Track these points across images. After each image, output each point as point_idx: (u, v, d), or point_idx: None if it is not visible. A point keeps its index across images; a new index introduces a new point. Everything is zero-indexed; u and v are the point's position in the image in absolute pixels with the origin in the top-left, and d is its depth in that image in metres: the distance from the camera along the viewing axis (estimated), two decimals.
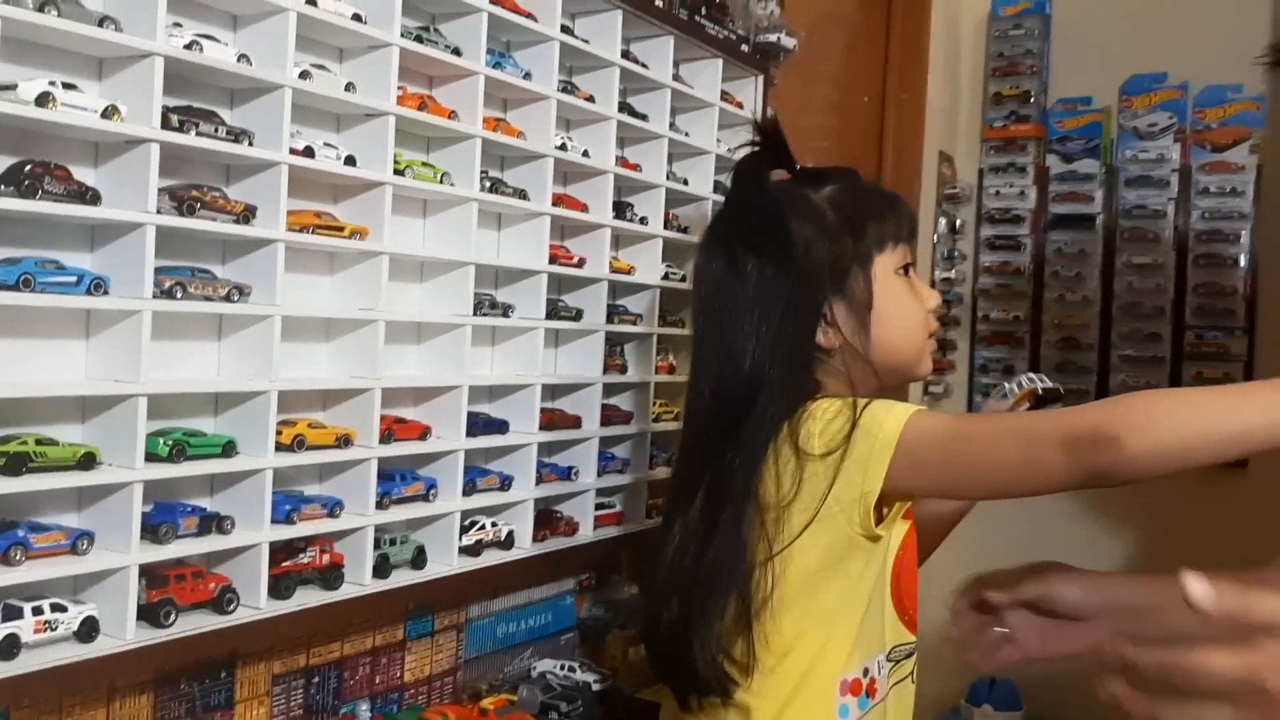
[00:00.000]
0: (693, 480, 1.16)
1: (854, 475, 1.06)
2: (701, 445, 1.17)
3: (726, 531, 1.11)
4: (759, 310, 1.13)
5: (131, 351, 1.06)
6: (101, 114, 1.02)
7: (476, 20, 1.40)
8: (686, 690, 1.15)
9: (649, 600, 1.18)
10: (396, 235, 1.35)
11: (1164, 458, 0.93)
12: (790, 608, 1.11)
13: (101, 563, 1.05)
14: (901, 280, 1.21)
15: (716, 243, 1.19)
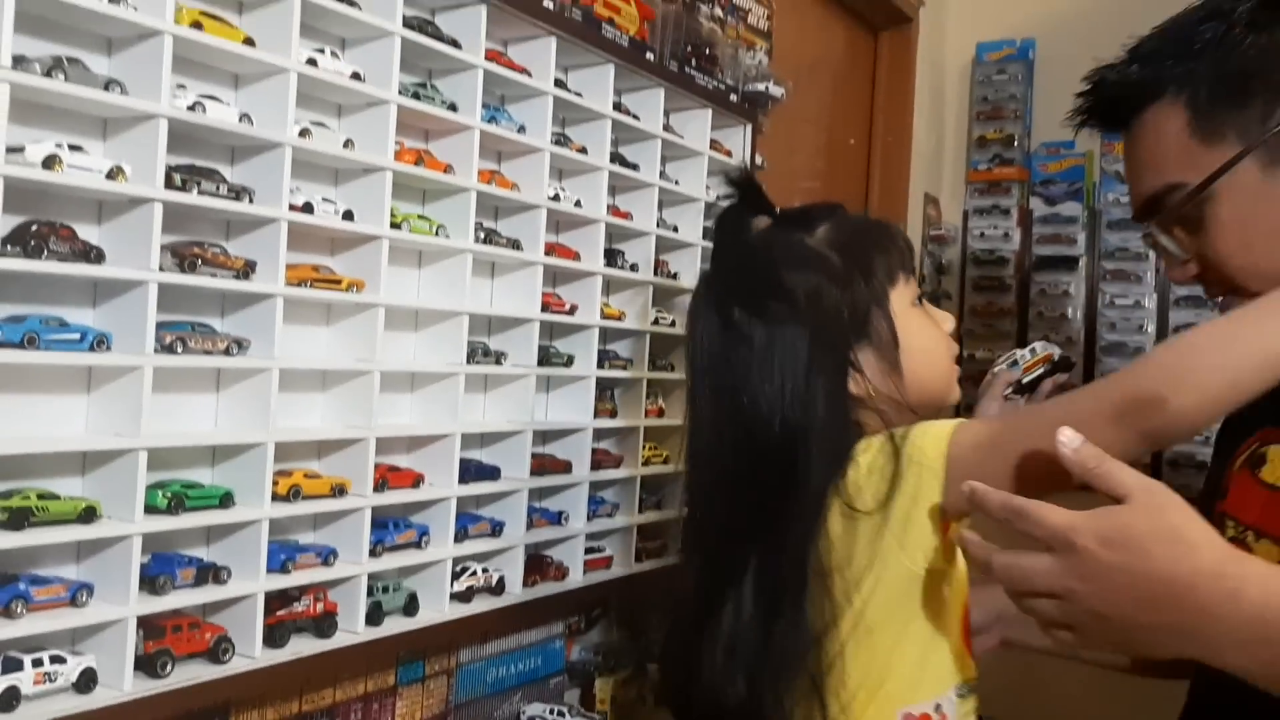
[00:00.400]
0: (735, 557, 1.05)
1: (908, 510, 0.99)
2: (736, 519, 1.06)
3: (793, 611, 1.03)
4: (780, 372, 1.04)
5: (132, 406, 1.08)
6: (106, 175, 1.05)
7: (472, 76, 1.43)
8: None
9: (710, 679, 1.05)
10: (393, 286, 1.37)
11: (1215, 401, 0.88)
12: (857, 654, 1.03)
13: (100, 615, 1.07)
14: (918, 310, 1.14)
15: (710, 306, 1.09)
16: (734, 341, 1.06)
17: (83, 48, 1.10)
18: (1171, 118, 1.05)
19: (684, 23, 1.87)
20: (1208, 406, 0.88)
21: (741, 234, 1.12)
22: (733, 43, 2.06)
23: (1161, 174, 1.06)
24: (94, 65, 1.09)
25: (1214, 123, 1.03)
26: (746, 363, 1.05)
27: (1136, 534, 0.81)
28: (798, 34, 2.48)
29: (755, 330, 1.05)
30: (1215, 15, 1.05)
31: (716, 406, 1.08)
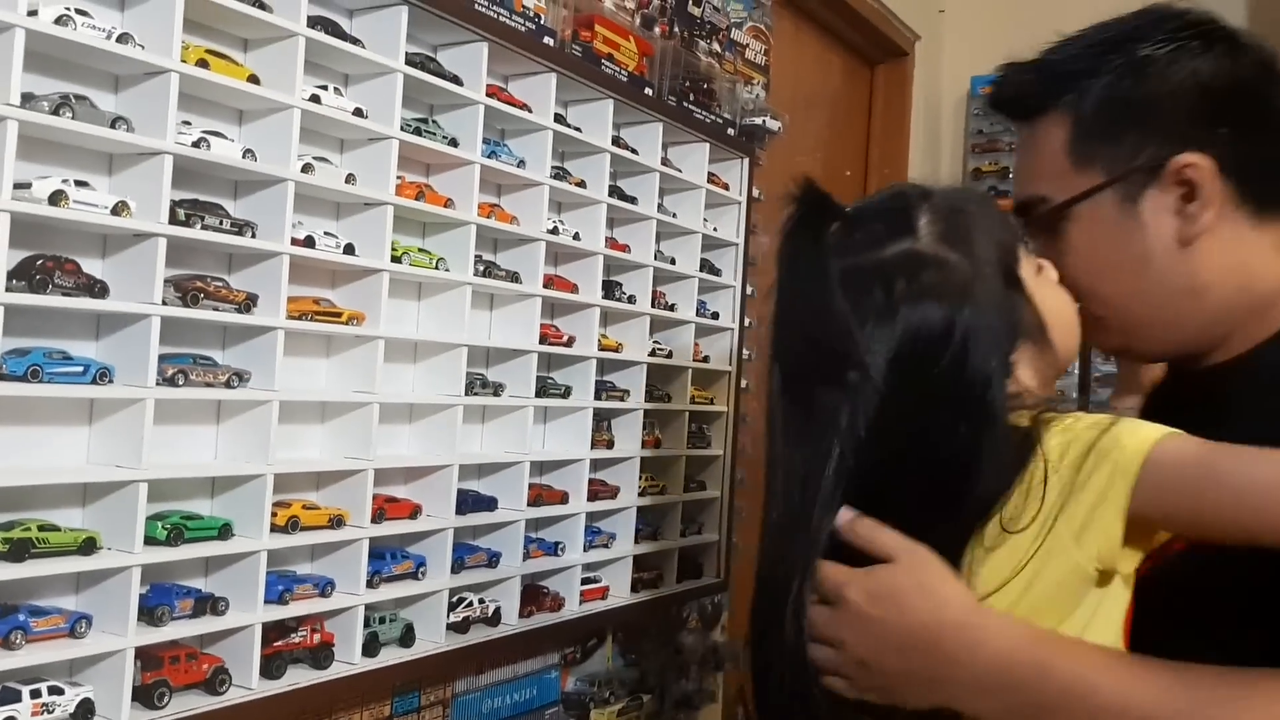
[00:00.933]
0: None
1: (1093, 505, 0.90)
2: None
3: None
4: (918, 416, 0.91)
5: (134, 438, 1.09)
6: (111, 210, 1.06)
7: (473, 112, 1.45)
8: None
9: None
10: (392, 318, 1.38)
11: None
12: None
13: (99, 645, 1.07)
14: (1040, 277, 1.04)
15: (795, 385, 0.95)
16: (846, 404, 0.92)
17: (90, 85, 1.12)
18: (1056, 132, 1.08)
19: (682, 58, 1.89)
20: None
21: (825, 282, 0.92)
22: (730, 77, 2.08)
23: (1033, 182, 1.09)
24: (101, 102, 1.11)
25: (1088, 148, 1.06)
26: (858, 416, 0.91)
27: (897, 589, 0.89)
28: (795, 68, 2.51)
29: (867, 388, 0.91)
30: (1119, 37, 1.08)
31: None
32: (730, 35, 2.13)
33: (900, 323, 0.91)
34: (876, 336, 0.91)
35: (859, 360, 0.90)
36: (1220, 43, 1.07)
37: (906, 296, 0.91)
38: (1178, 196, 1.04)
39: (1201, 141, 1.04)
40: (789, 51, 2.46)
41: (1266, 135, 1.07)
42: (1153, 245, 1.05)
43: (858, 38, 2.82)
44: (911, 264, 0.92)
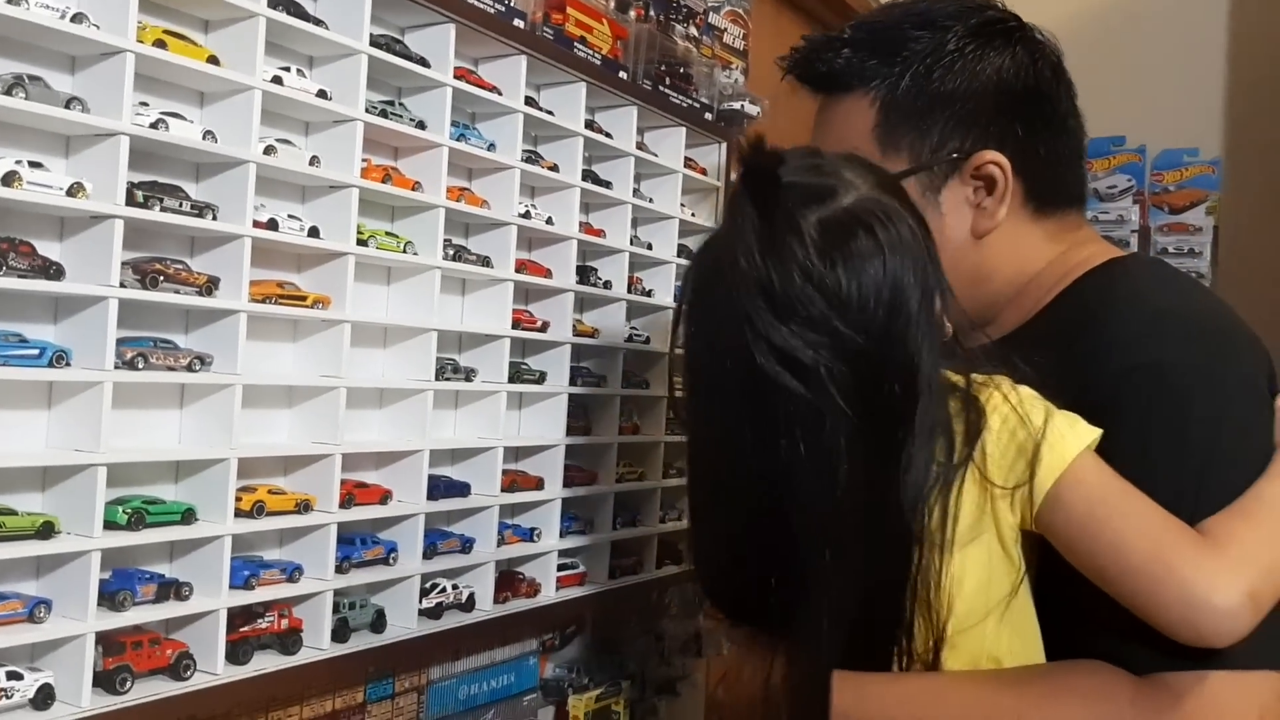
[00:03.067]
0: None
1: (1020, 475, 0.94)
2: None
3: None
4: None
5: (92, 422, 1.09)
6: (67, 191, 1.06)
7: (441, 95, 1.44)
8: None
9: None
10: (360, 302, 1.38)
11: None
12: (959, 652, 0.98)
13: (58, 630, 1.06)
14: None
15: (762, 340, 0.90)
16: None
17: (46, 66, 1.11)
18: (861, 114, 1.12)
19: (658, 42, 1.88)
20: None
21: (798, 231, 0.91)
22: (708, 62, 2.07)
23: None
24: (56, 83, 1.10)
25: (895, 135, 1.11)
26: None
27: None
28: (775, 54, 2.49)
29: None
30: (929, 25, 1.11)
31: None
32: (708, 19, 2.11)
33: (879, 271, 0.91)
34: (856, 292, 0.90)
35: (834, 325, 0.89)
36: (1021, 42, 1.12)
37: (885, 245, 0.91)
38: (975, 189, 1.10)
39: (1000, 138, 1.09)
40: (770, 37, 2.45)
41: (1052, 135, 1.13)
42: (949, 234, 1.10)
43: (840, 23, 2.80)
44: (877, 212, 0.92)
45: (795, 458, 0.90)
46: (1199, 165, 2.86)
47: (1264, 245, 2.81)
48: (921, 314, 0.92)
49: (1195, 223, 2.86)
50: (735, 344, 0.91)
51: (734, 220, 0.93)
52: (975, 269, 1.12)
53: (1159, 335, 1.00)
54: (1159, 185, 2.90)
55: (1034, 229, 1.14)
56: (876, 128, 1.11)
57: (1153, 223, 2.91)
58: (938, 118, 1.10)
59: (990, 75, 1.10)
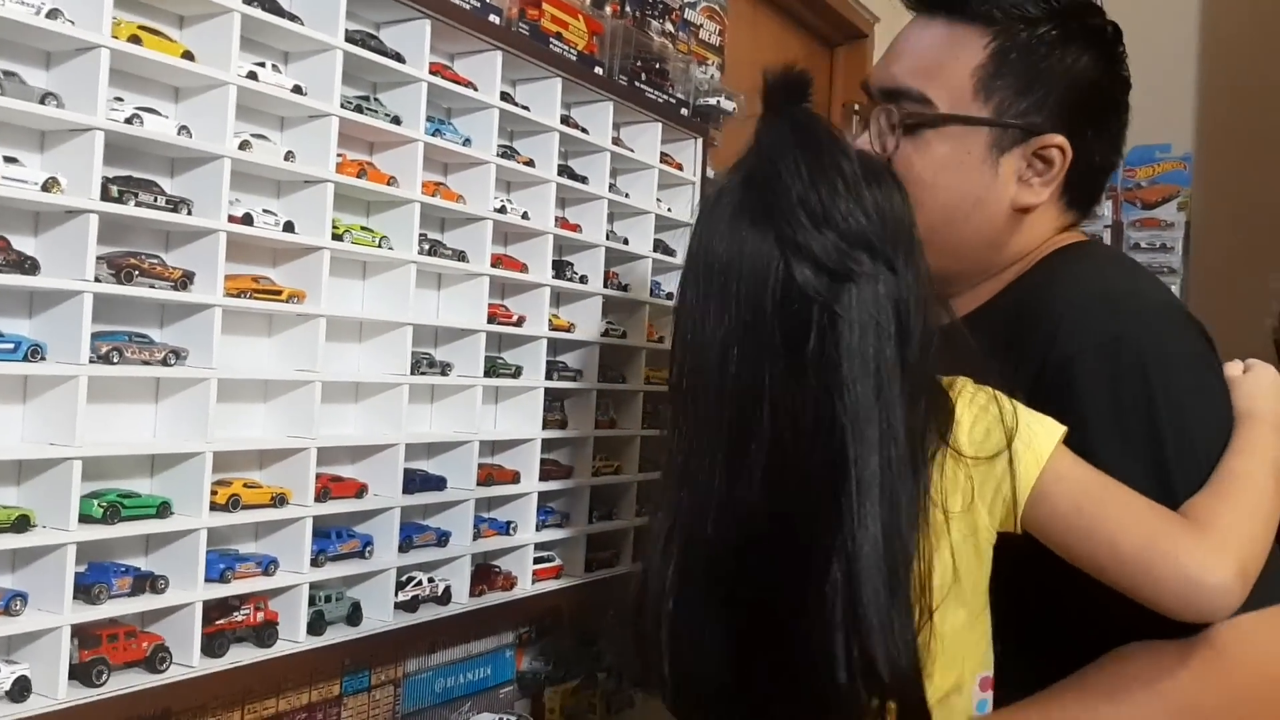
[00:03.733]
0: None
1: (998, 486, 0.95)
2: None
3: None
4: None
5: (67, 416, 1.09)
6: (42, 186, 1.06)
7: (416, 90, 1.45)
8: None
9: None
10: (336, 297, 1.38)
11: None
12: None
13: (34, 623, 1.07)
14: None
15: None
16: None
17: (21, 61, 1.11)
18: (971, 50, 1.12)
19: (634, 38, 1.89)
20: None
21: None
22: (684, 57, 2.08)
23: (927, 82, 1.13)
24: (32, 79, 1.10)
25: (993, 83, 1.11)
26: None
27: None
28: (752, 50, 2.51)
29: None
30: (1060, 4, 1.13)
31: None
32: (684, 15, 2.13)
33: (902, 203, 0.94)
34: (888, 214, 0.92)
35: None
36: (1115, 44, 1.17)
37: (900, 185, 0.95)
38: (1030, 164, 1.13)
39: (1072, 129, 1.13)
40: (746, 34, 2.46)
41: (1109, 148, 1.18)
42: (992, 194, 1.13)
43: (816, 20, 2.83)
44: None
45: (826, 368, 0.89)
46: (1171, 161, 2.89)
47: (1235, 240, 2.85)
48: (919, 251, 0.95)
49: (1167, 218, 2.89)
50: (767, 255, 0.90)
51: (771, 137, 0.92)
52: (997, 235, 1.16)
53: (1111, 314, 1.03)
54: (1131, 181, 2.93)
55: (1056, 221, 1.18)
56: (981, 68, 1.12)
57: (1125, 218, 2.94)
58: (1036, 88, 1.12)
59: (1090, 71, 1.13)
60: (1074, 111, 1.12)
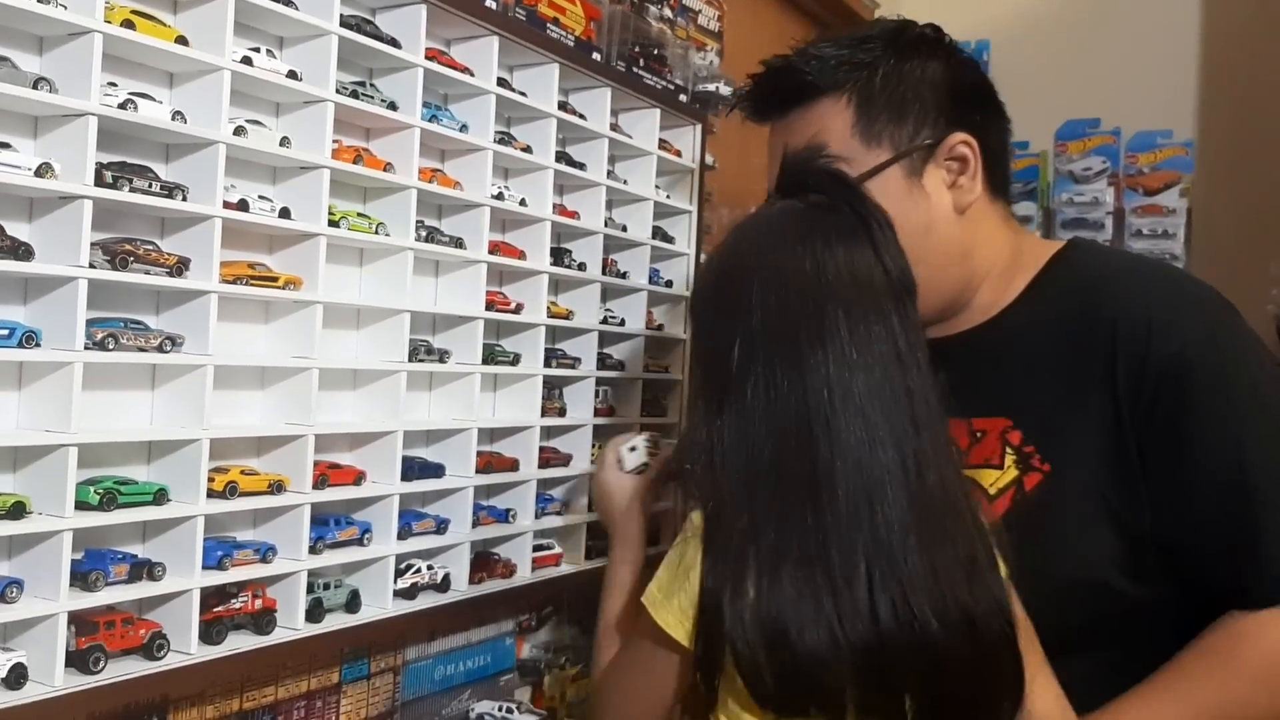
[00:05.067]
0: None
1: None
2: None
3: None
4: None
5: (63, 402, 1.09)
6: (35, 172, 1.05)
7: (412, 76, 1.44)
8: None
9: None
10: (333, 284, 1.38)
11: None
12: None
13: (30, 610, 1.07)
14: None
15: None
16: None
17: (13, 46, 1.10)
18: (838, 115, 1.22)
19: (631, 23, 1.88)
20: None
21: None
22: (682, 43, 2.07)
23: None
24: (24, 64, 1.10)
25: (875, 128, 1.21)
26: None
27: None
28: (752, 37, 2.50)
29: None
30: (879, 39, 1.24)
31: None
32: (682, 1, 2.11)
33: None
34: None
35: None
36: (942, 41, 1.26)
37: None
38: (951, 170, 1.22)
39: (964, 124, 1.22)
40: (746, 20, 2.45)
41: (1000, 123, 1.27)
42: (935, 213, 1.22)
43: (816, 6, 2.82)
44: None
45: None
46: (1173, 147, 2.87)
47: (1237, 226, 2.84)
48: None
49: (1169, 204, 2.88)
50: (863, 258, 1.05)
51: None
52: (961, 244, 1.23)
53: (1198, 310, 1.15)
54: (1133, 167, 2.92)
55: (993, 211, 1.26)
56: (855, 124, 1.21)
57: (1127, 205, 2.93)
58: (910, 109, 1.20)
59: (942, 71, 1.22)
60: (951, 110, 1.21)
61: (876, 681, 0.96)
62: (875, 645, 0.95)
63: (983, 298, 1.26)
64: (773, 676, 0.95)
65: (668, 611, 1.03)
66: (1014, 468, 1.18)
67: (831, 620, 0.94)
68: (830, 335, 1.01)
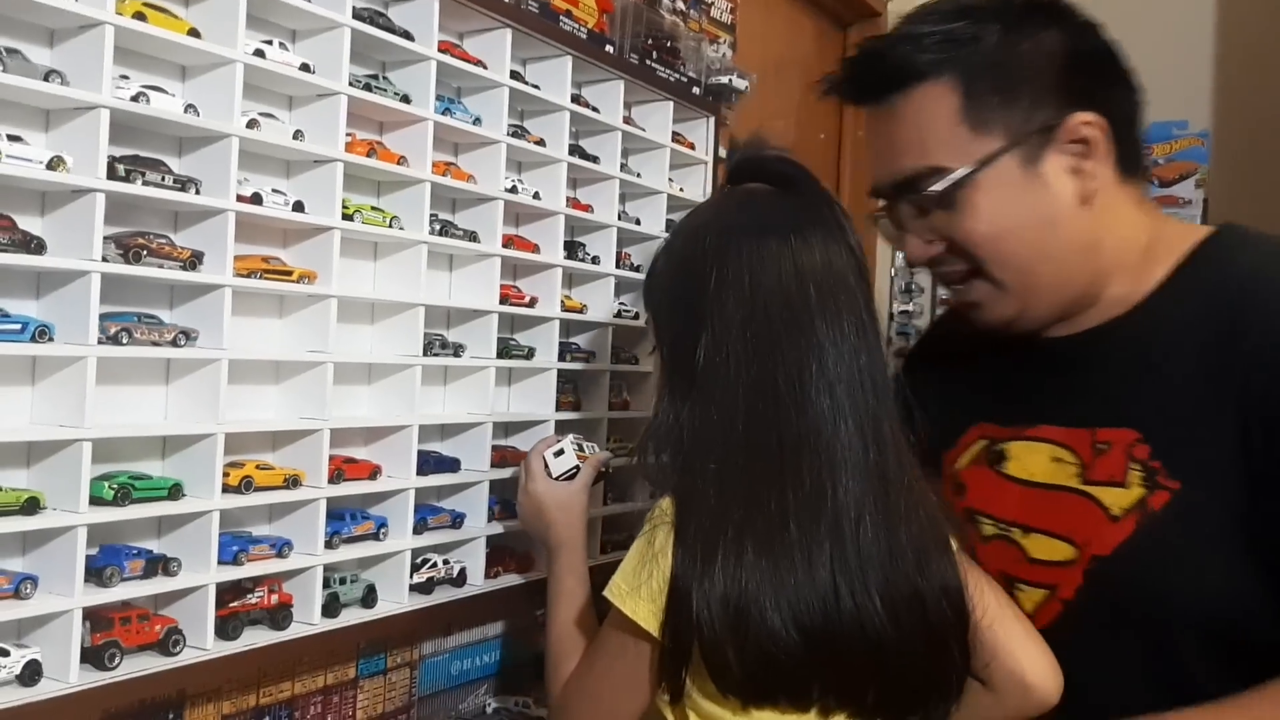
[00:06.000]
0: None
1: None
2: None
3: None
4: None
5: (76, 397, 1.08)
6: (47, 165, 1.05)
7: (425, 68, 1.43)
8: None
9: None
10: (347, 277, 1.37)
11: None
12: None
13: (45, 606, 1.06)
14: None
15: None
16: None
17: (24, 39, 1.10)
18: (942, 101, 1.08)
19: (644, 16, 1.87)
20: None
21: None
22: (695, 36, 2.06)
23: (925, 155, 1.09)
24: (35, 56, 1.09)
25: (984, 112, 1.07)
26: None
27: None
28: (765, 29, 2.49)
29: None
30: (987, 17, 1.09)
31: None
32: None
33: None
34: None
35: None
36: (1070, 12, 1.11)
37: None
38: (1074, 154, 1.07)
39: (1082, 102, 1.07)
40: (758, 13, 2.44)
41: (1127, 92, 1.11)
42: (1058, 205, 1.08)
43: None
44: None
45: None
46: (1188, 138, 2.84)
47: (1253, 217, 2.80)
48: None
49: (1185, 195, 2.85)
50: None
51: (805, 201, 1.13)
52: (1088, 236, 1.09)
53: None
54: (1148, 158, 2.89)
55: (1126, 194, 1.11)
56: (961, 109, 1.08)
57: None
58: (1024, 90, 1.07)
59: (1059, 41, 1.08)
60: (1072, 85, 1.07)
61: (835, 663, 0.99)
62: (834, 627, 0.98)
63: (1112, 293, 1.12)
64: (737, 662, 0.98)
65: (635, 601, 1.04)
66: (1139, 485, 1.06)
67: (793, 601, 0.97)
68: (800, 318, 1.05)
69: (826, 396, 1.03)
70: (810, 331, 1.05)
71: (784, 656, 0.97)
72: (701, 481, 1.03)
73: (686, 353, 1.08)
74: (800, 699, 1.01)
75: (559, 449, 1.41)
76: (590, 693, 1.14)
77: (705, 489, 1.03)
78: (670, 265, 1.16)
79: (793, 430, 1.02)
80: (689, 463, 1.05)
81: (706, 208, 1.21)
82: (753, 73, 2.15)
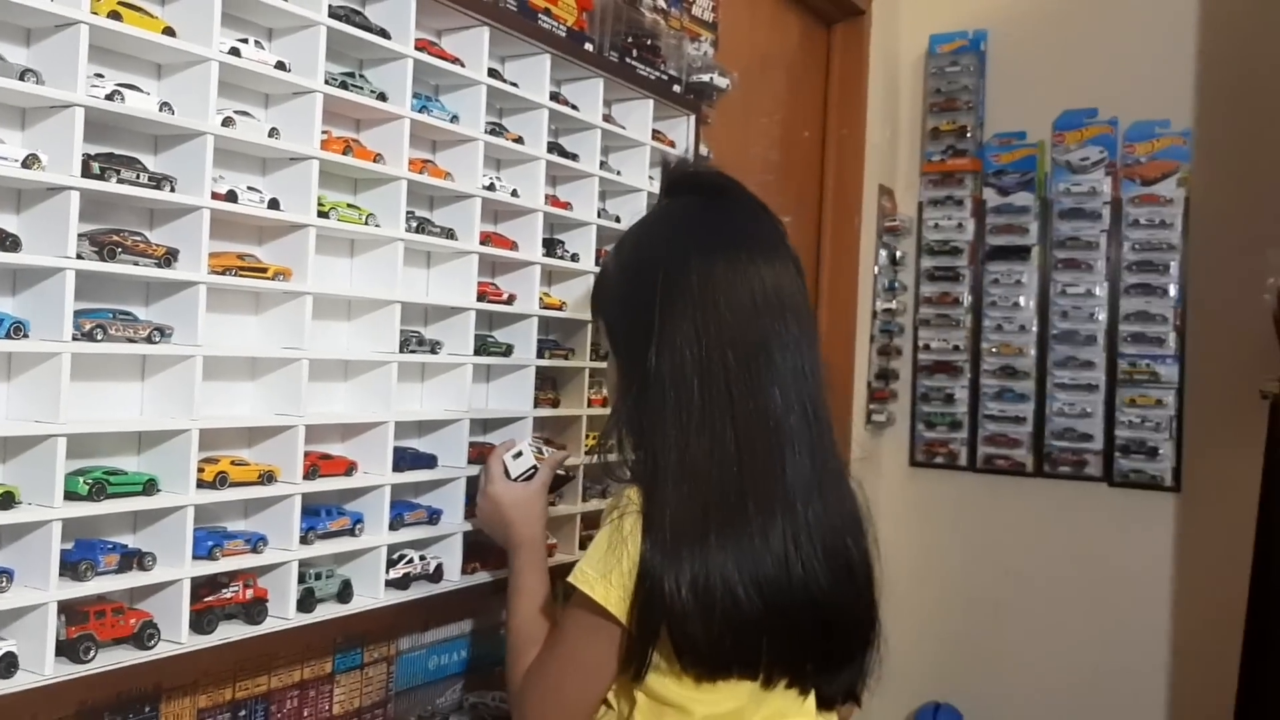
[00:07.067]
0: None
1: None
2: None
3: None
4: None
5: (51, 393, 1.09)
6: (22, 163, 1.05)
7: (402, 66, 1.44)
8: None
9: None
10: (323, 274, 1.38)
11: None
12: None
13: (20, 600, 1.07)
14: None
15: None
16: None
17: (0, 39, 1.10)
18: None
19: (624, 13, 1.88)
20: None
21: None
22: (676, 33, 2.07)
23: None
24: (11, 55, 1.10)
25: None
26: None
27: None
28: (748, 27, 2.50)
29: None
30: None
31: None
32: None
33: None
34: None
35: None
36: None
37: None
38: None
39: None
40: (742, 11, 2.45)
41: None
42: None
43: None
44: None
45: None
46: (1170, 136, 2.87)
47: (1234, 216, 2.83)
48: None
49: (1167, 194, 2.88)
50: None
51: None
52: None
53: None
54: (1131, 157, 2.91)
55: None
56: None
57: (1125, 194, 2.92)
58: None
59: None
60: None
61: (785, 627, 1.10)
62: (786, 591, 1.09)
63: None
64: (704, 636, 1.08)
65: (606, 587, 1.12)
66: None
67: (754, 572, 1.08)
68: (747, 316, 1.15)
69: (776, 386, 1.13)
70: (757, 328, 1.15)
71: (747, 623, 1.08)
72: (664, 471, 1.12)
73: (640, 353, 1.16)
74: (750, 666, 1.11)
75: (517, 451, 1.45)
76: (553, 680, 1.19)
77: (668, 478, 1.11)
78: (621, 272, 1.26)
79: (746, 418, 1.12)
80: (650, 454, 1.14)
81: (651, 218, 1.31)
82: (736, 70, 2.16)
